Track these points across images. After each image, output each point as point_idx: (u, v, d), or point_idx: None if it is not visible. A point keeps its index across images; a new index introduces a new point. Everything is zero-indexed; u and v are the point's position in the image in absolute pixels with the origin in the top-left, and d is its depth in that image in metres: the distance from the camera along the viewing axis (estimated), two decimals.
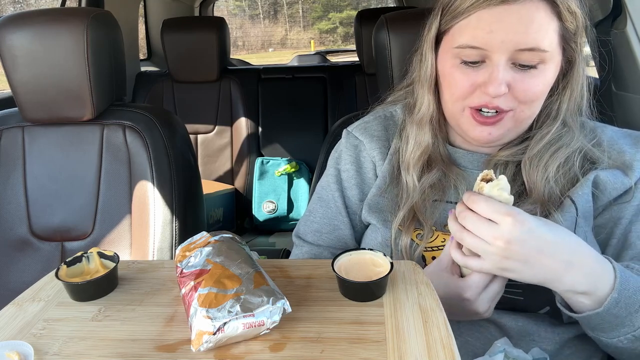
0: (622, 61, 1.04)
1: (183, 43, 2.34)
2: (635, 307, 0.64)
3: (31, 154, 1.23)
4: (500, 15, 0.69)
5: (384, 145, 0.87)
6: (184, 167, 1.23)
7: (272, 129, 2.45)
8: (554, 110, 0.77)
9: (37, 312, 0.61)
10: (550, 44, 0.70)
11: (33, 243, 1.21)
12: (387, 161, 0.86)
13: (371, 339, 0.53)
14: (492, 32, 0.69)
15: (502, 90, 0.69)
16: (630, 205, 0.75)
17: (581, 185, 0.75)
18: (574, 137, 0.76)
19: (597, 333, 0.68)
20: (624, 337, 0.65)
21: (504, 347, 0.66)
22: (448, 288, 0.68)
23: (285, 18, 31.01)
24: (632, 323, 0.64)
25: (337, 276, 0.60)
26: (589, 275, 0.64)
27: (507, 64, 0.70)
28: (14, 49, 1.13)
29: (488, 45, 0.70)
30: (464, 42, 0.72)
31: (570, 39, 0.72)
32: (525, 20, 0.68)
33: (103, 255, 0.69)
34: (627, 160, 0.75)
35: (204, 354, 0.52)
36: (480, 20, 0.70)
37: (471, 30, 0.71)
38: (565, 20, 0.70)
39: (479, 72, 0.72)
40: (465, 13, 0.71)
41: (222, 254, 0.62)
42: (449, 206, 0.80)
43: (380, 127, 0.90)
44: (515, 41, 0.68)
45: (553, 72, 0.73)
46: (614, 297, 0.63)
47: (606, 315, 0.64)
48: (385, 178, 0.85)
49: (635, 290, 0.64)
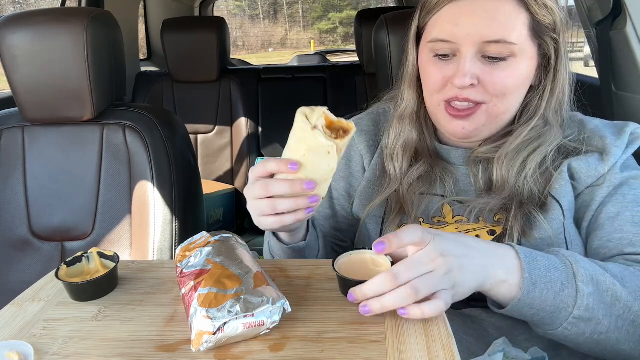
0: (622, 61, 1.04)
1: (183, 43, 2.34)
2: (557, 286, 0.61)
3: (31, 154, 1.23)
4: (467, 8, 0.71)
5: (371, 139, 0.90)
6: (184, 167, 1.23)
7: (272, 129, 2.45)
8: (532, 106, 0.77)
9: (37, 312, 0.62)
10: (519, 37, 0.70)
11: (33, 243, 1.21)
12: (377, 155, 0.89)
13: (371, 339, 0.53)
14: (458, 26, 0.71)
15: (466, 82, 0.71)
16: (601, 188, 0.74)
17: (557, 179, 0.75)
18: (553, 136, 0.76)
19: (543, 329, 0.66)
20: (566, 322, 0.62)
21: (503, 346, 0.66)
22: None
23: (285, 18, 31.03)
24: (565, 304, 0.61)
25: (338, 275, 0.60)
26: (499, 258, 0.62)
27: (476, 57, 0.72)
28: (14, 49, 1.13)
29: (456, 37, 0.72)
30: (434, 36, 0.75)
31: (544, 33, 0.73)
32: (491, 13, 0.70)
33: (103, 255, 0.69)
34: (607, 144, 0.75)
35: (204, 354, 0.52)
36: (448, 14, 0.73)
37: (441, 24, 0.74)
38: (536, 12, 0.71)
39: (450, 65, 0.74)
40: (437, 8, 0.75)
41: (222, 254, 0.62)
42: (436, 199, 0.81)
43: (370, 122, 0.92)
44: (481, 33, 0.70)
45: (526, 66, 0.73)
46: (526, 277, 0.60)
47: (531, 300, 0.61)
48: (375, 171, 0.87)
49: (547, 269, 0.62)
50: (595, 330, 0.63)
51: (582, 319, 0.62)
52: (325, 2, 28.33)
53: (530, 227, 0.73)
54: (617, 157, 0.74)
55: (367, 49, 2.30)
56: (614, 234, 0.72)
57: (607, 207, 0.74)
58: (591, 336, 0.63)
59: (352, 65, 2.62)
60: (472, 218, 0.77)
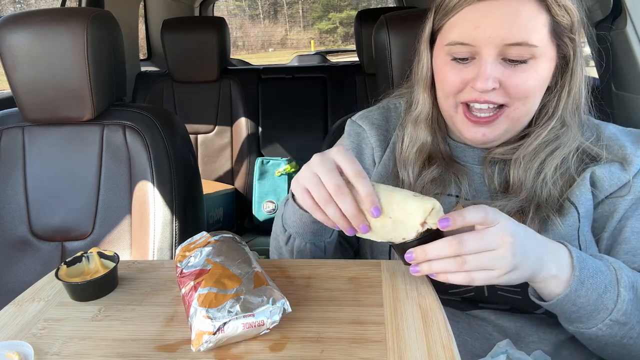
0: (622, 61, 1.04)
1: (183, 43, 2.34)
2: (601, 288, 0.64)
3: (31, 154, 1.23)
4: (487, 11, 0.69)
5: (382, 134, 0.89)
6: (184, 167, 1.23)
7: (272, 129, 2.45)
8: (551, 107, 0.76)
9: (37, 312, 0.62)
10: (540, 39, 0.69)
11: (33, 243, 1.21)
12: (388, 150, 0.88)
13: (371, 339, 0.53)
14: (479, 28, 0.70)
15: (489, 85, 0.69)
16: (624, 199, 0.74)
17: (579, 185, 0.74)
18: (572, 137, 0.76)
19: (576, 326, 0.67)
20: (602, 323, 0.65)
21: (506, 348, 0.66)
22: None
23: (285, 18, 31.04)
24: (605, 307, 0.64)
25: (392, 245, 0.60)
26: (555, 254, 0.64)
27: (497, 60, 0.70)
28: (14, 49, 1.13)
29: (476, 40, 0.70)
30: (453, 39, 0.73)
31: (563, 33, 0.72)
32: (512, 15, 0.68)
33: (103, 255, 0.69)
34: (627, 154, 0.75)
35: (204, 354, 0.52)
36: (467, 17, 0.71)
37: (459, 27, 0.72)
38: (556, 14, 0.70)
39: (469, 67, 0.72)
40: (454, 10, 0.73)
41: (222, 254, 0.62)
42: (450, 199, 0.80)
43: (381, 116, 0.91)
44: (502, 36, 0.68)
45: (546, 68, 0.72)
46: (577, 275, 0.63)
47: (576, 297, 0.63)
48: (386, 167, 0.86)
49: (594, 271, 0.64)
50: (626, 335, 0.65)
51: (618, 322, 0.64)
52: (325, 2, 28.33)
53: (545, 230, 0.73)
54: (638, 167, 0.74)
55: (367, 49, 2.30)
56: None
57: (631, 220, 0.74)
58: (621, 340, 0.66)
59: (352, 65, 2.62)
60: None
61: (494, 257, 0.58)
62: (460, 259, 0.58)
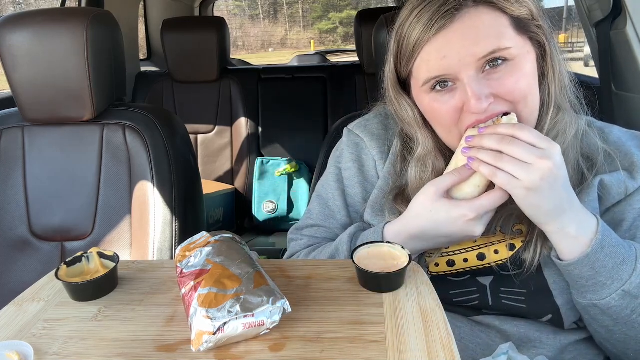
0: (622, 61, 1.04)
1: (183, 43, 2.34)
2: (620, 259, 0.67)
3: (31, 154, 1.23)
4: (445, 40, 0.68)
5: (383, 144, 0.87)
6: (184, 167, 1.23)
7: (272, 129, 2.45)
8: (545, 97, 0.75)
9: (37, 312, 0.61)
10: (510, 39, 0.68)
11: (33, 243, 1.21)
12: (389, 162, 0.85)
13: (371, 339, 0.53)
14: (445, 58, 0.68)
15: (483, 104, 0.68)
16: (633, 208, 0.74)
17: (587, 190, 0.74)
18: (570, 122, 0.75)
19: (590, 297, 0.68)
20: (615, 293, 0.67)
21: (508, 349, 0.66)
22: (449, 212, 0.69)
23: (285, 18, 31.03)
24: (620, 277, 0.67)
25: (357, 268, 0.62)
26: (580, 217, 0.67)
27: (478, 76, 0.68)
28: (14, 49, 1.13)
29: (449, 69, 0.69)
30: (426, 77, 0.71)
31: (528, 25, 0.71)
32: (471, 32, 0.67)
33: (103, 255, 0.69)
34: (635, 162, 0.74)
35: (204, 354, 0.52)
36: (430, 54, 0.70)
37: (426, 65, 0.71)
38: (512, 11, 0.69)
39: (456, 95, 0.70)
40: (414, 53, 0.72)
41: (222, 254, 0.62)
42: None
43: (380, 125, 0.89)
44: (471, 54, 0.67)
45: (529, 62, 0.71)
46: (599, 238, 0.66)
47: (595, 261, 0.66)
48: (387, 180, 0.84)
49: (616, 242, 0.68)
50: (636, 310, 0.68)
51: (630, 294, 0.67)
52: (325, 2, 28.33)
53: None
54: None
55: (367, 49, 2.30)
56: None
57: None
58: (631, 315, 0.68)
59: (352, 65, 2.62)
60: (492, 229, 0.76)
61: (526, 168, 0.63)
62: (499, 155, 0.64)
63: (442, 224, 0.70)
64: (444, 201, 0.70)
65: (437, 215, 0.69)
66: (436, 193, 0.70)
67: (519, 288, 0.73)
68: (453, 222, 0.69)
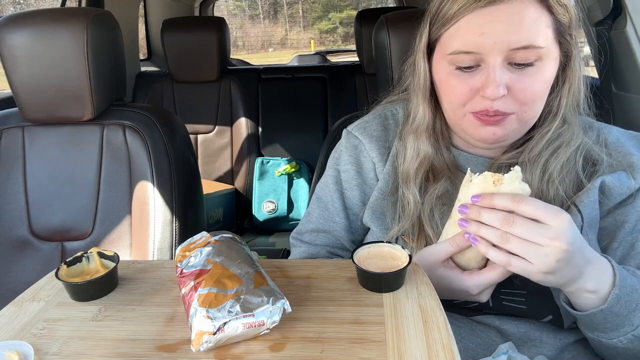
0: (622, 61, 1.04)
1: (183, 43, 2.34)
2: (634, 305, 0.65)
3: (31, 154, 1.23)
4: (490, 17, 0.67)
5: (383, 146, 0.86)
6: (184, 167, 1.23)
7: (272, 129, 2.45)
8: (554, 106, 0.75)
9: (37, 312, 0.61)
10: (545, 40, 0.68)
11: (33, 243, 1.21)
12: (389, 163, 0.84)
13: (371, 339, 0.53)
14: (483, 35, 0.67)
15: (500, 92, 0.67)
16: (635, 209, 0.74)
17: (587, 192, 0.73)
18: (574, 135, 0.75)
19: (597, 334, 0.68)
20: (624, 337, 0.66)
21: (507, 349, 0.66)
22: (451, 283, 0.68)
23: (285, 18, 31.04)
24: (631, 322, 0.65)
25: (357, 267, 0.62)
26: (597, 272, 0.64)
27: (503, 65, 0.68)
28: (14, 49, 1.13)
29: (481, 48, 0.68)
30: (456, 48, 0.70)
31: (564, 32, 0.71)
32: (516, 18, 0.66)
33: (103, 255, 0.69)
34: (634, 162, 0.74)
35: (204, 354, 0.52)
36: (469, 25, 0.69)
37: (462, 36, 0.70)
38: (557, 13, 0.69)
39: (476, 76, 0.70)
40: (454, 19, 0.70)
41: (222, 254, 0.62)
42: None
43: (379, 127, 0.88)
44: (507, 41, 0.67)
45: (552, 69, 0.71)
46: (616, 293, 0.64)
47: (609, 313, 0.64)
48: (387, 181, 0.83)
49: (632, 288, 0.66)
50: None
51: (639, 338, 0.66)
52: (325, 2, 28.34)
53: None
54: None
55: (367, 49, 2.30)
56: None
57: None
58: (636, 354, 0.67)
59: (352, 65, 2.62)
60: None
61: (537, 252, 0.59)
62: (505, 235, 0.60)
63: (444, 292, 0.68)
64: (444, 271, 0.69)
65: (438, 285, 0.67)
66: (434, 264, 0.69)
67: (519, 289, 0.73)
68: (456, 294, 0.69)
